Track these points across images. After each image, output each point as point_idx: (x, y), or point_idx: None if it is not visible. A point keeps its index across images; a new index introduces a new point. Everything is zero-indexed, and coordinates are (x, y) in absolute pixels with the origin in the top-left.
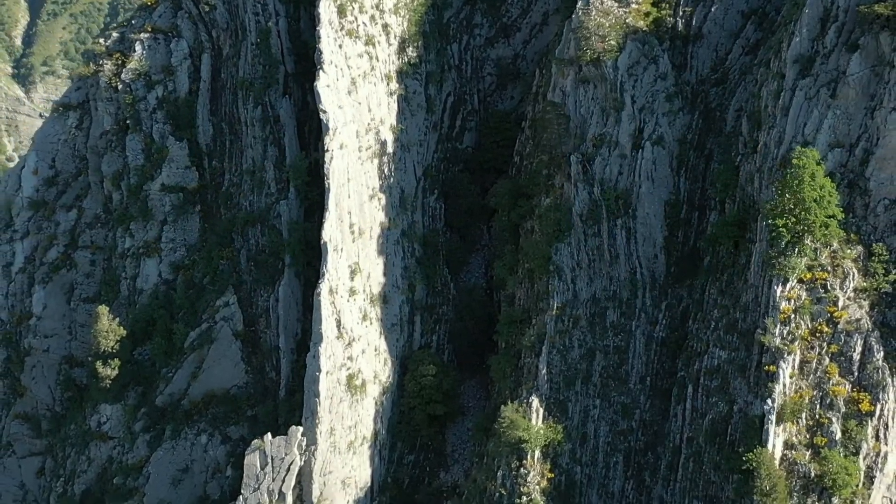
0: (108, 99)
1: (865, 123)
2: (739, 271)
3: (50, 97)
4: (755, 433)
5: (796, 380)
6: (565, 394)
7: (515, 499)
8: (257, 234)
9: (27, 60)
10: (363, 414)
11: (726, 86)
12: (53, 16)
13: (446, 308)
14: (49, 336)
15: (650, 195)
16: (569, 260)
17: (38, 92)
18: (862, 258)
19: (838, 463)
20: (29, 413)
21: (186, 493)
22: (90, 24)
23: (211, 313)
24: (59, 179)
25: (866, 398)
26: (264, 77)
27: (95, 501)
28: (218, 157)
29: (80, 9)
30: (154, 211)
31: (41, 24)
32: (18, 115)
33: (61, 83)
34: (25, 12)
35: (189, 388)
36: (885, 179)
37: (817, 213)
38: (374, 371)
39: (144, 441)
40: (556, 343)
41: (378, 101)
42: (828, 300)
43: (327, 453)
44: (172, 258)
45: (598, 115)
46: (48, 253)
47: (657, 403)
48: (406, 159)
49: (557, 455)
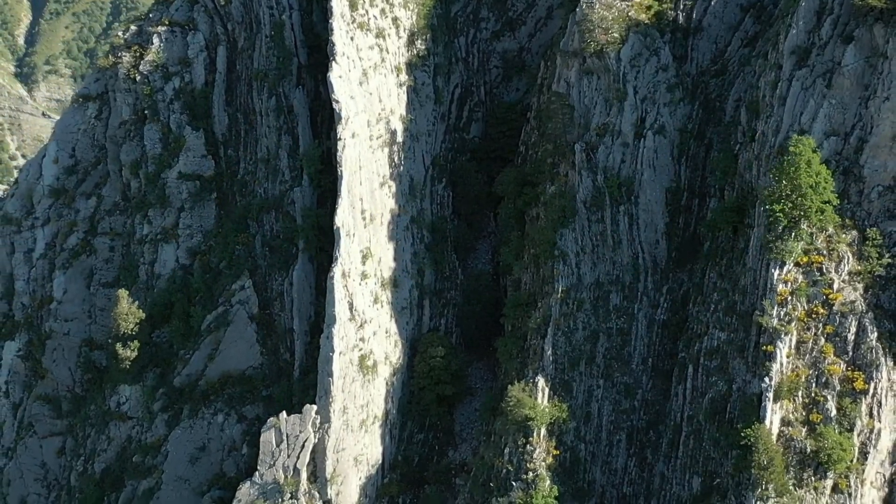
0: (127, 90)
1: (860, 113)
2: (738, 255)
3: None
4: (753, 410)
5: (793, 359)
6: (570, 374)
7: (522, 475)
8: (272, 220)
9: (30, 59)
10: (374, 394)
11: (725, 77)
12: (56, 15)
13: (454, 292)
14: (69, 320)
15: (652, 182)
16: (573, 245)
17: (40, 91)
18: (856, 242)
19: (833, 439)
20: (50, 394)
21: (203, 471)
22: (92, 24)
23: (227, 297)
24: (79, 168)
25: (860, 377)
26: (278, 68)
27: (115, 479)
28: (233, 146)
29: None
30: (171, 198)
31: (44, 24)
32: (21, 114)
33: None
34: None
35: (206, 369)
36: (879, 167)
37: (813, 199)
38: (385, 352)
39: (163, 420)
40: (561, 325)
41: (388, 92)
42: (823, 283)
43: (340, 431)
44: (189, 244)
45: (601, 105)
46: (68, 239)
47: (658, 383)
48: (415, 148)
49: (562, 433)
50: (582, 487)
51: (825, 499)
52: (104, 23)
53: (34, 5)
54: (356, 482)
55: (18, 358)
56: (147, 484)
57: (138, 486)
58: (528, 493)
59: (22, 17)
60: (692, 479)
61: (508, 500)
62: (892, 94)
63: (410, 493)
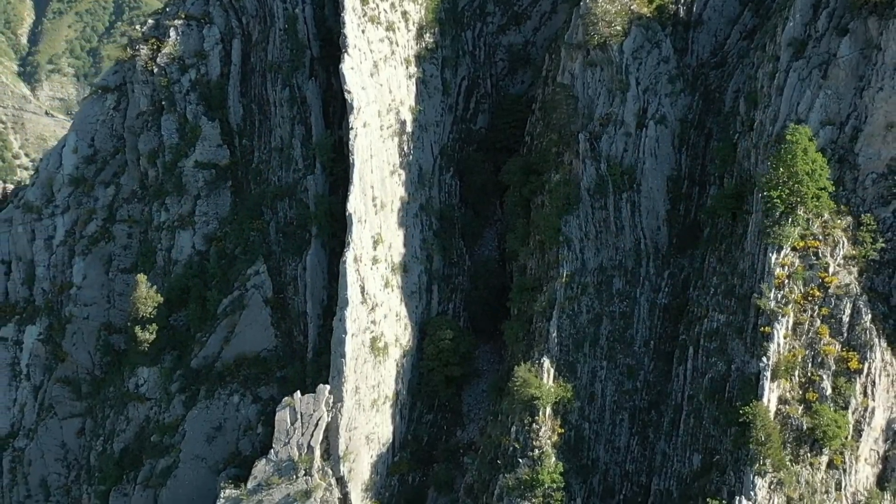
0: (145, 82)
1: (854, 102)
2: (737, 241)
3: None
4: (751, 389)
5: (790, 340)
6: (574, 356)
7: (528, 452)
8: (285, 207)
9: (33, 59)
10: (385, 375)
11: (725, 69)
12: (59, 14)
13: (462, 278)
14: (88, 304)
15: (653, 171)
16: (577, 231)
17: (43, 90)
18: (851, 228)
19: (829, 417)
20: (70, 377)
21: (220, 450)
22: (95, 23)
23: (242, 281)
24: (98, 157)
25: (855, 357)
26: (291, 61)
27: (134, 458)
28: (248, 136)
29: (86, 7)
30: (188, 186)
31: (47, 23)
32: (24, 113)
33: (67, 81)
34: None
35: (222, 351)
36: (873, 155)
37: (809, 186)
38: (396, 335)
39: (180, 401)
40: (566, 308)
41: (398, 84)
42: (819, 266)
43: (352, 410)
44: (205, 230)
45: (604, 96)
46: (87, 227)
47: (660, 365)
48: (424, 138)
49: (567, 412)
50: (586, 465)
51: (821, 474)
52: (107, 22)
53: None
54: (368, 460)
55: (39, 342)
56: (165, 462)
57: (156, 465)
58: (535, 469)
59: (25, 16)
60: (692, 456)
61: (515, 477)
62: (885, 84)
63: (420, 472)
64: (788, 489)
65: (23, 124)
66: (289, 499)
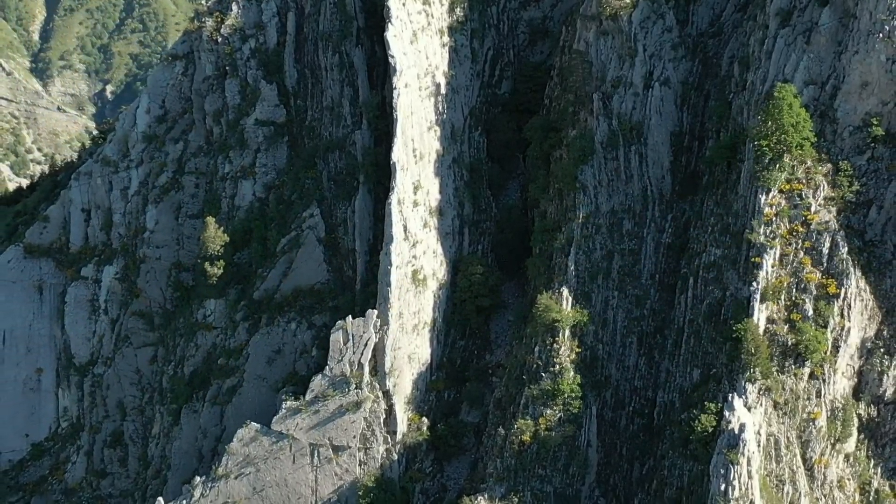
0: (210, 50)
1: (834, 65)
2: (731, 186)
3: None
4: (743, 311)
5: (777, 269)
6: (589, 286)
7: (550, 368)
8: (336, 158)
9: (44, 55)
10: (424, 303)
11: (721, 37)
12: (70, 11)
13: (489, 223)
14: (160, 246)
15: (658, 126)
16: (592, 179)
17: (55, 86)
18: (830, 173)
19: (810, 334)
20: (143, 310)
21: (279, 370)
22: (106, 20)
23: (298, 223)
24: (168, 117)
25: (833, 283)
26: (340, 30)
27: (202, 380)
28: (302, 97)
29: (96, 4)
30: (249, 141)
31: (58, 20)
32: (37, 109)
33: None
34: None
35: (281, 284)
36: (850, 110)
37: (794, 136)
38: (433, 269)
39: (244, 328)
40: (582, 246)
41: (433, 51)
42: (802, 206)
43: (397, 332)
44: (265, 180)
45: (615, 61)
46: (159, 178)
47: (664, 295)
48: (455, 100)
49: (583, 335)
50: (600, 380)
51: (803, 383)
52: (117, 19)
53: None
54: (410, 377)
55: (116, 280)
56: (230, 382)
57: (223, 385)
58: (556, 381)
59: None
60: (692, 371)
61: (539, 388)
62: (860, 48)
63: (454, 389)
64: (775, 395)
65: (35, 119)
66: (342, 409)
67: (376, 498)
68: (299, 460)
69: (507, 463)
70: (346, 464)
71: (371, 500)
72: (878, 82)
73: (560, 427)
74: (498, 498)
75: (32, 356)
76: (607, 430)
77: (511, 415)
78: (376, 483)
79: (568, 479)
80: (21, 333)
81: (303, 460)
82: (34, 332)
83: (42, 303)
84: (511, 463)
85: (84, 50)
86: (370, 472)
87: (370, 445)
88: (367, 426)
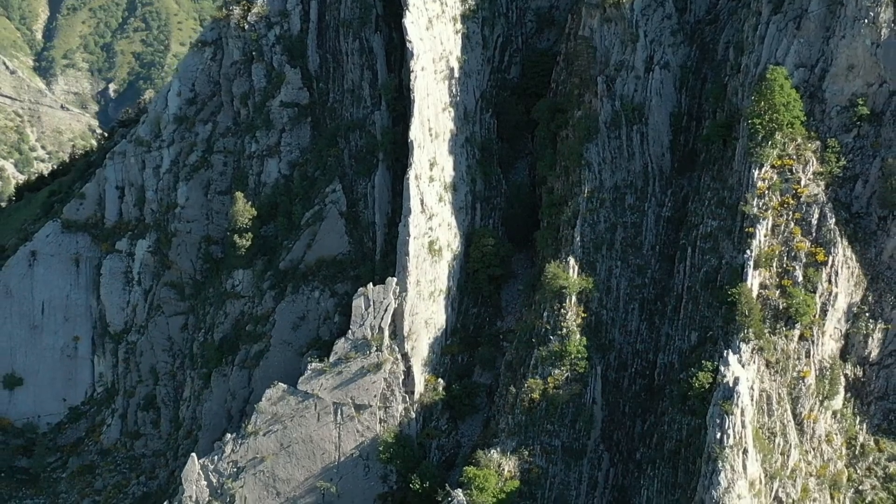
0: (237, 36)
1: (822, 49)
2: (727, 162)
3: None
4: (738, 277)
5: (769, 238)
6: (594, 256)
7: (557, 331)
8: (356, 137)
9: (48, 54)
10: (440, 272)
11: (717, 24)
12: (73, 10)
13: (499, 199)
14: (191, 221)
15: (658, 107)
16: (596, 157)
17: (58, 84)
18: (819, 150)
19: (800, 298)
20: (175, 281)
21: (303, 336)
22: (109, 19)
23: (321, 198)
24: (198, 100)
25: (821, 252)
26: (360, 18)
27: (231, 345)
28: (324, 80)
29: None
30: (274, 122)
31: (61, 19)
32: (41, 107)
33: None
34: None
35: (305, 255)
36: (837, 91)
37: (785, 115)
38: (448, 241)
39: (270, 297)
40: (587, 218)
41: (447, 37)
42: (793, 180)
43: (414, 299)
44: (290, 158)
45: (618, 47)
46: (189, 157)
47: (664, 265)
48: (468, 83)
49: (589, 301)
50: (604, 343)
51: (793, 344)
52: (120, 18)
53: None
54: (426, 341)
55: (149, 253)
56: (258, 347)
57: (251, 350)
58: (563, 343)
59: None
60: (690, 334)
61: (548, 350)
62: (846, 33)
63: (467, 353)
64: (767, 354)
65: (39, 117)
66: (363, 370)
67: (395, 453)
68: (323, 418)
69: (518, 419)
70: (367, 421)
71: (391, 455)
72: (863, 65)
73: (567, 386)
74: (509, 451)
75: (70, 325)
76: (611, 389)
77: (521, 375)
78: (395, 439)
79: (574, 434)
80: (59, 304)
81: (327, 418)
82: (71, 303)
83: (79, 275)
84: (522, 419)
85: (87, 49)
86: (390, 429)
87: (390, 404)
88: (387, 386)
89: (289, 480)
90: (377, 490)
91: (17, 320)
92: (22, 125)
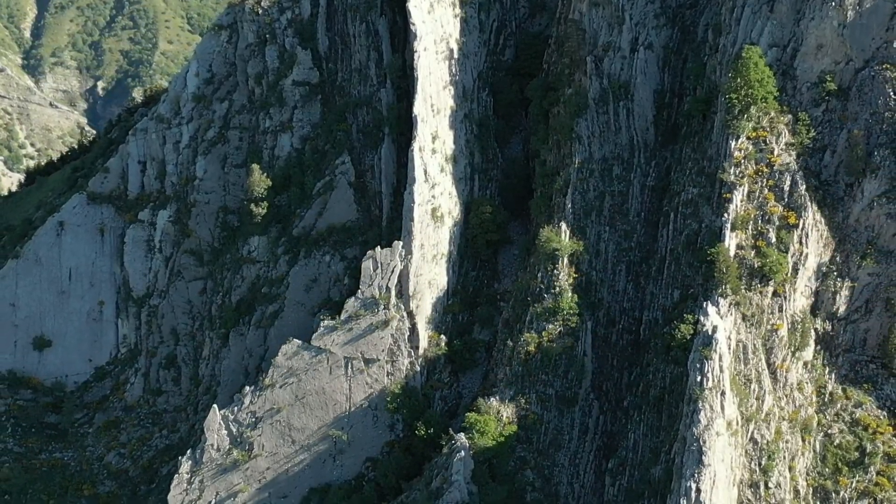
0: (251, 20)
1: (794, 30)
2: (706, 134)
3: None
4: (716, 238)
5: (745, 204)
6: (584, 222)
7: (551, 289)
8: (364, 113)
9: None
10: (441, 237)
11: (697, 8)
12: (61, 9)
13: (496, 171)
14: (209, 192)
15: (643, 85)
16: (586, 130)
17: (47, 82)
18: (791, 122)
19: (774, 258)
20: (194, 248)
21: (315, 297)
22: (97, 17)
23: (332, 169)
24: (215, 80)
25: (793, 215)
26: (366, 2)
27: (248, 307)
28: (333, 61)
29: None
30: (287, 100)
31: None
32: (29, 105)
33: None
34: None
35: (316, 222)
36: (807, 69)
37: (759, 91)
38: (449, 208)
39: (284, 261)
40: (578, 187)
41: (447, 21)
42: (767, 150)
43: (419, 261)
44: (301, 133)
45: (605, 29)
46: (207, 133)
47: (649, 230)
48: (466, 64)
49: (580, 263)
50: (594, 302)
51: (767, 300)
52: (108, 16)
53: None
54: (430, 300)
55: (169, 222)
56: (273, 308)
57: (266, 310)
58: (556, 301)
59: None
60: (673, 293)
61: (542, 307)
62: (815, 15)
63: (467, 312)
64: (743, 308)
65: (28, 115)
66: (372, 327)
67: (402, 403)
68: (335, 371)
69: (515, 370)
70: (376, 374)
71: (397, 405)
72: (831, 44)
73: (560, 339)
74: (507, 399)
75: (95, 290)
76: (600, 344)
77: (518, 331)
78: (402, 390)
79: (567, 383)
80: (85, 270)
81: (338, 371)
82: (96, 269)
83: (103, 243)
84: (518, 370)
85: (75, 47)
86: (396, 381)
87: (396, 358)
88: (394, 342)
89: (303, 429)
90: (385, 437)
91: (46, 286)
92: (11, 123)
